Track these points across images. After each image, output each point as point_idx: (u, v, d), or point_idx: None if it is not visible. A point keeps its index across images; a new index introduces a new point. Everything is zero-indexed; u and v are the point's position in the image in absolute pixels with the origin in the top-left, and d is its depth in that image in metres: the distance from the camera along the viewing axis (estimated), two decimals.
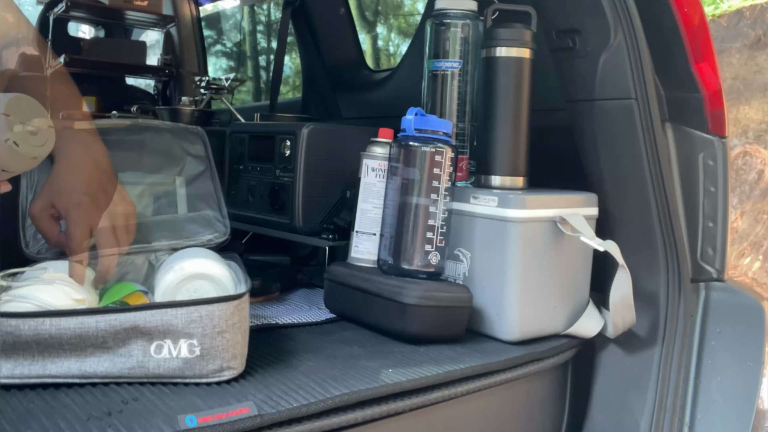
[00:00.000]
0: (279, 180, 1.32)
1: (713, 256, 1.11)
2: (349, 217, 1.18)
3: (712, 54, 1.10)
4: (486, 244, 1.05)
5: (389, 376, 0.85)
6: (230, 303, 0.77)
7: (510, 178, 1.09)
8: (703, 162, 1.10)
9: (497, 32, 1.09)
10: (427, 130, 1.03)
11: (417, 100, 1.18)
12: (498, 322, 1.03)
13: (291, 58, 3.19)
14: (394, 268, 1.04)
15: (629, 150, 1.07)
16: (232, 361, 0.78)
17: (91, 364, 0.75)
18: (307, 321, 1.09)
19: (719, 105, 1.10)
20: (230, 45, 4.16)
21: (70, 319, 0.73)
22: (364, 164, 1.13)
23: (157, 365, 0.76)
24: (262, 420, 0.71)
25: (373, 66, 2.72)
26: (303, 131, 1.27)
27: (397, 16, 4.75)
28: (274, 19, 4.32)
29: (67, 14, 2.34)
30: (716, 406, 1.06)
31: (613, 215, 1.12)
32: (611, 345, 1.13)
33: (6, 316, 0.71)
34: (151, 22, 2.52)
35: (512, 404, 1.03)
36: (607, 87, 1.08)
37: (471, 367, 0.91)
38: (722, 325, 1.09)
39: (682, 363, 1.08)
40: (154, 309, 0.75)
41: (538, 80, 1.10)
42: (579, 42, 1.09)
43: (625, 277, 1.04)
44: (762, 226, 3.33)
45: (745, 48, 3.67)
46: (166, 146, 1.15)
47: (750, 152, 3.47)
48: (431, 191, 1.02)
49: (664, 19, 1.07)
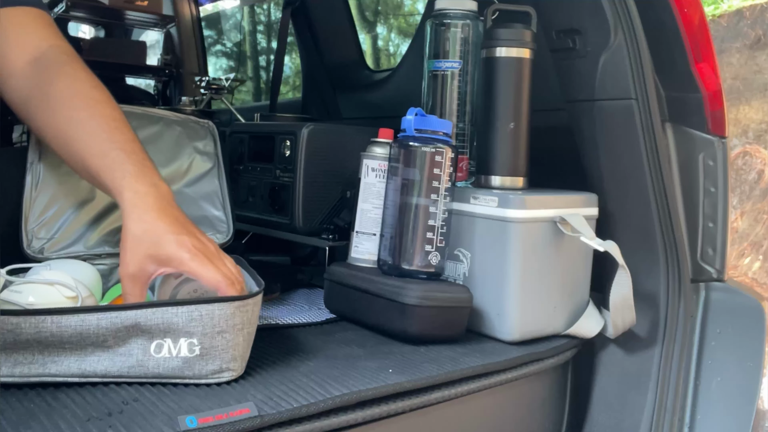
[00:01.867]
0: (279, 180, 1.32)
1: (713, 256, 1.11)
2: (349, 217, 1.18)
3: (712, 54, 1.10)
4: (486, 244, 1.05)
5: (389, 377, 0.85)
6: (231, 303, 0.77)
7: (510, 178, 1.09)
8: (703, 162, 1.10)
9: (497, 32, 1.09)
10: (427, 130, 1.03)
11: (417, 100, 1.18)
12: (498, 322, 1.03)
13: (291, 58, 3.19)
14: (394, 269, 1.04)
15: (629, 150, 1.07)
16: (232, 362, 0.78)
17: (91, 363, 0.75)
18: (307, 321, 1.09)
19: (719, 105, 1.10)
20: (230, 45, 4.16)
21: (71, 317, 0.73)
22: (364, 164, 1.13)
23: (156, 364, 0.76)
24: (262, 420, 0.71)
25: (373, 66, 2.73)
26: (303, 131, 1.27)
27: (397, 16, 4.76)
28: (274, 19, 4.32)
29: (67, 14, 2.34)
30: (716, 406, 1.06)
31: (613, 215, 1.12)
32: (611, 345, 1.13)
33: (7, 314, 0.71)
34: (151, 22, 2.52)
35: (512, 404, 1.03)
36: (607, 87, 1.08)
37: (471, 367, 0.91)
38: (722, 325, 1.09)
39: (682, 363, 1.08)
40: (154, 307, 0.75)
41: (538, 80, 1.10)
42: (579, 42, 1.09)
43: (625, 278, 1.04)
44: (762, 226, 3.33)
45: (745, 48, 3.67)
46: (176, 141, 1.14)
47: (750, 152, 3.47)
48: (431, 191, 1.02)
49: (664, 19, 1.07)
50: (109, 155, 0.85)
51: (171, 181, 1.14)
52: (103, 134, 0.86)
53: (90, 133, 0.87)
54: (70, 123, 0.88)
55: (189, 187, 1.15)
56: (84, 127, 0.87)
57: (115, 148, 0.85)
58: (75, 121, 0.87)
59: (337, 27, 2.01)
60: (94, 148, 0.86)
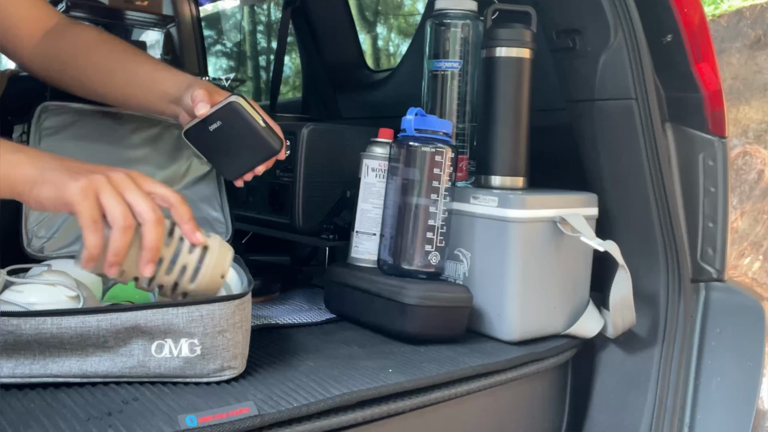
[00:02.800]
0: (279, 180, 1.31)
1: (713, 256, 1.11)
2: (349, 217, 1.18)
3: (712, 54, 1.10)
4: (486, 244, 1.05)
5: (389, 377, 0.85)
6: (231, 302, 0.77)
7: (510, 178, 1.09)
8: (703, 162, 1.10)
9: (497, 32, 1.09)
10: (427, 130, 1.03)
11: (417, 100, 1.18)
12: (498, 322, 1.03)
13: (291, 58, 3.19)
14: (394, 268, 1.04)
15: (629, 150, 1.07)
16: (232, 360, 0.78)
17: (92, 364, 0.75)
18: (307, 321, 1.09)
19: (719, 105, 1.10)
20: (230, 45, 4.16)
21: (72, 318, 0.73)
22: (364, 164, 1.13)
23: (158, 365, 0.76)
24: (262, 420, 0.71)
25: (373, 66, 2.72)
26: (303, 131, 1.27)
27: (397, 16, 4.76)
28: (274, 19, 4.32)
29: (67, 14, 2.34)
30: (716, 406, 1.06)
31: (613, 215, 1.12)
32: (611, 345, 1.13)
33: (7, 315, 0.71)
34: (151, 22, 2.52)
35: (512, 404, 1.03)
36: (607, 87, 1.08)
37: (471, 367, 0.91)
38: (722, 325, 1.09)
39: (682, 363, 1.08)
40: (155, 308, 0.75)
41: (538, 80, 1.10)
42: (579, 42, 1.09)
43: (625, 278, 1.04)
44: (762, 226, 3.33)
45: (745, 48, 3.67)
46: (174, 143, 1.14)
47: (750, 152, 3.47)
48: (431, 191, 1.02)
49: (664, 19, 1.07)
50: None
51: (170, 183, 1.15)
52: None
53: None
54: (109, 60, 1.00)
55: (188, 189, 1.16)
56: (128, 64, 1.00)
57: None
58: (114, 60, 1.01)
59: (337, 27, 2.01)
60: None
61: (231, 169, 0.99)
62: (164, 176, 1.15)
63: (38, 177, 0.72)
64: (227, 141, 0.95)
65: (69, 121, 1.10)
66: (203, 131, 0.94)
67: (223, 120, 0.93)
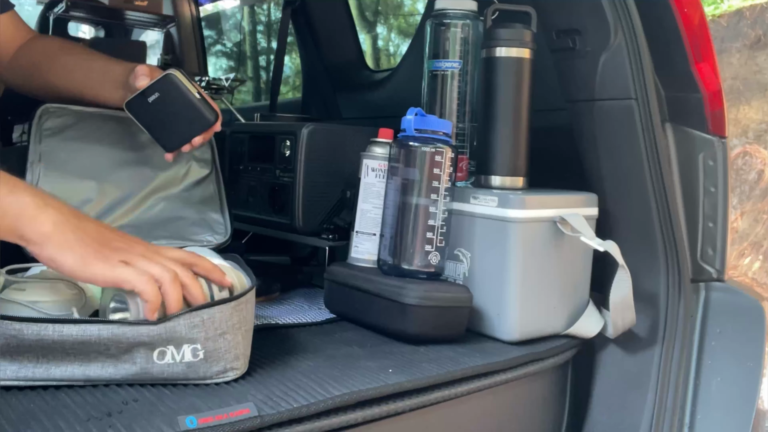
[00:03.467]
0: (279, 180, 1.31)
1: (713, 256, 1.11)
2: (349, 217, 1.18)
3: (712, 54, 1.11)
4: (486, 244, 1.05)
5: (389, 377, 0.85)
6: (229, 304, 0.77)
7: (510, 178, 1.09)
8: (703, 162, 1.10)
9: (497, 32, 1.09)
10: (427, 130, 1.03)
11: (417, 100, 1.18)
12: (498, 322, 1.03)
13: (291, 58, 3.19)
14: (394, 269, 1.04)
15: (629, 150, 1.07)
16: (235, 361, 0.78)
17: (95, 369, 0.75)
18: (308, 321, 1.09)
19: (719, 105, 1.10)
20: (230, 45, 4.17)
21: (72, 326, 0.73)
22: (364, 164, 1.13)
23: (161, 371, 0.76)
24: (262, 420, 0.71)
25: (373, 66, 2.72)
26: (303, 131, 1.27)
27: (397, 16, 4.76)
28: (274, 19, 4.32)
29: (67, 14, 2.34)
30: (716, 406, 1.06)
31: (613, 215, 1.12)
32: (611, 345, 1.13)
33: (9, 320, 0.71)
34: (151, 22, 2.52)
35: (512, 404, 1.03)
36: (607, 87, 1.08)
37: (471, 367, 0.91)
38: (722, 325, 1.09)
39: (682, 363, 1.08)
40: (157, 324, 0.74)
41: (538, 80, 1.10)
42: (579, 42, 1.09)
43: (625, 277, 1.04)
44: (762, 226, 3.33)
45: (745, 48, 3.67)
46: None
47: (750, 152, 3.47)
48: (431, 191, 1.02)
49: (664, 19, 1.07)
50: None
51: (170, 185, 1.15)
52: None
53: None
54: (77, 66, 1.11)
55: (187, 192, 1.16)
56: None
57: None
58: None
59: (337, 27, 2.01)
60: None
61: (169, 140, 1.05)
62: (164, 178, 1.15)
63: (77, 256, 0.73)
64: (165, 113, 1.02)
65: (69, 123, 1.10)
66: (143, 103, 1.01)
67: (161, 92, 1.01)
